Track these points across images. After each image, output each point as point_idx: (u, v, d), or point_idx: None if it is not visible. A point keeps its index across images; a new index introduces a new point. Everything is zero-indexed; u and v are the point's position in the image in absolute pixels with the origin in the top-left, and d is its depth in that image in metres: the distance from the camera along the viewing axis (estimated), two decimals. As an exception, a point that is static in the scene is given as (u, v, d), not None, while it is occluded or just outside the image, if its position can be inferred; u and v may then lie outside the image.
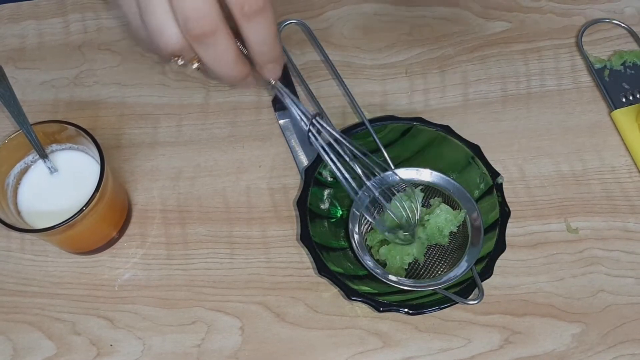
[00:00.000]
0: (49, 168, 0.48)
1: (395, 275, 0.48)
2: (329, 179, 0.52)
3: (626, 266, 0.51)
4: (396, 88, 0.58)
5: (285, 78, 0.48)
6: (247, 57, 0.40)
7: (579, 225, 0.53)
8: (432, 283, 0.47)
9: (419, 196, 0.50)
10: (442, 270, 0.49)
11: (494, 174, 0.50)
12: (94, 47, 0.60)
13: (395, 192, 0.50)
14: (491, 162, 0.50)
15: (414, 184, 0.51)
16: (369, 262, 0.48)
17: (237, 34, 0.38)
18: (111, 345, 0.49)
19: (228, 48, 0.37)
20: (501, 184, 0.49)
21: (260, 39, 0.38)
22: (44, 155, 0.48)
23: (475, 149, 0.51)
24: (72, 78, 0.59)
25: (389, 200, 0.49)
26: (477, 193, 0.50)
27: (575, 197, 0.54)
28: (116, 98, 0.58)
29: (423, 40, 0.61)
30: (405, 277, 0.49)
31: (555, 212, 0.53)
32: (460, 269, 0.47)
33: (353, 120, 0.56)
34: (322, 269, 0.47)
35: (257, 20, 0.36)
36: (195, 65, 0.39)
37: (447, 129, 0.51)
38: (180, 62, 0.39)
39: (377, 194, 0.47)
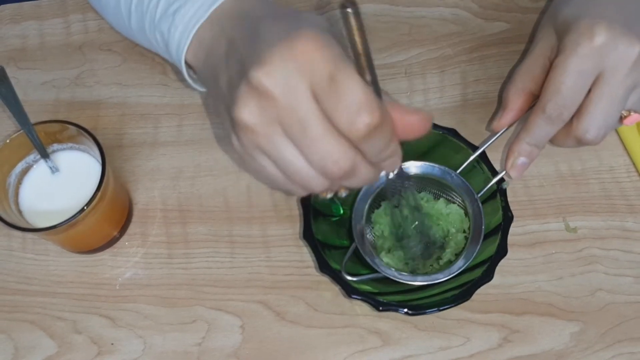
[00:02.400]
0: (51, 168, 0.49)
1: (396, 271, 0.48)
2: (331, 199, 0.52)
3: (624, 265, 0.51)
4: (395, 88, 0.59)
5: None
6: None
7: (577, 224, 0.53)
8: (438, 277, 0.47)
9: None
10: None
11: (499, 178, 0.50)
12: (95, 47, 0.60)
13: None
14: (490, 161, 0.50)
15: (417, 177, 0.51)
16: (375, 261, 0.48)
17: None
18: (112, 344, 0.49)
19: (370, 171, 0.37)
20: (505, 189, 0.49)
21: (375, 151, 0.36)
22: (45, 155, 0.48)
23: (481, 153, 0.51)
24: (73, 78, 0.59)
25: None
26: (480, 197, 0.50)
27: (573, 197, 0.54)
28: (117, 98, 0.58)
29: (422, 41, 0.61)
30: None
31: (554, 211, 0.53)
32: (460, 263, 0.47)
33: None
34: (324, 267, 0.47)
35: (369, 141, 0.35)
36: (343, 193, 0.40)
37: (453, 132, 0.51)
38: (329, 195, 0.40)
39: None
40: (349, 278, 0.46)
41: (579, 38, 0.43)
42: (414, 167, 0.51)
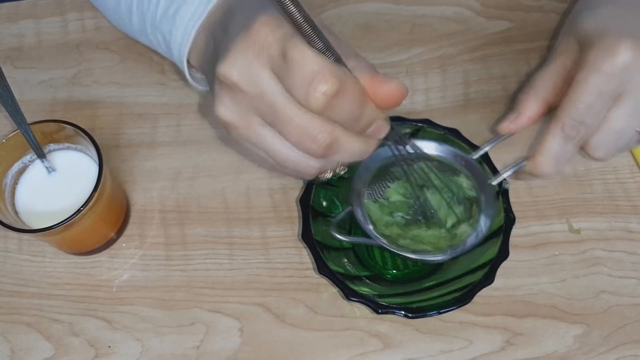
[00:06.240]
0: (47, 168, 0.48)
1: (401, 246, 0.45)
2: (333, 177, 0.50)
3: (628, 267, 0.51)
4: (397, 87, 0.58)
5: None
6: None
7: (581, 225, 0.52)
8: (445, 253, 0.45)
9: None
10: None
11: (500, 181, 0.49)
12: (92, 46, 0.60)
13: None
14: (493, 162, 0.50)
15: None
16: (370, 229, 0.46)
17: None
18: (109, 346, 0.48)
19: (357, 142, 0.36)
20: (507, 190, 0.49)
21: (349, 119, 0.35)
22: (41, 155, 0.47)
23: (483, 154, 0.50)
24: (70, 77, 0.58)
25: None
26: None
27: (577, 198, 0.53)
28: (114, 97, 0.58)
29: (424, 40, 0.60)
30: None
31: (557, 212, 0.53)
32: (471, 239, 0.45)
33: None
34: (322, 268, 0.46)
35: (335, 110, 0.34)
36: (341, 170, 0.39)
37: (454, 132, 0.51)
38: (327, 176, 0.40)
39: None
40: (338, 237, 0.45)
41: (602, 55, 0.40)
42: (429, 148, 0.48)
